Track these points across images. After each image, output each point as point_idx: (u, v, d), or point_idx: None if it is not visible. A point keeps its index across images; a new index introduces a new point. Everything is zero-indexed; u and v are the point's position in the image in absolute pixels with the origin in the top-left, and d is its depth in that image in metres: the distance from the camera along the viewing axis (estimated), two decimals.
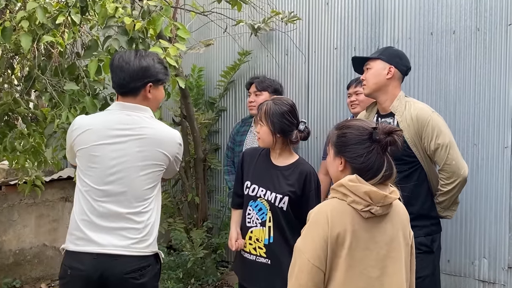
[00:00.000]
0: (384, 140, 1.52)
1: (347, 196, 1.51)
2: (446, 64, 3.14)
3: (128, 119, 1.97)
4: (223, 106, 4.29)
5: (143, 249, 1.91)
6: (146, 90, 1.97)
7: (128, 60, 1.94)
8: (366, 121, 1.64)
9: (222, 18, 3.66)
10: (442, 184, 2.32)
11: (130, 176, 1.94)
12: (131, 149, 1.94)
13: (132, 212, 1.92)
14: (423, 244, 2.30)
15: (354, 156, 1.55)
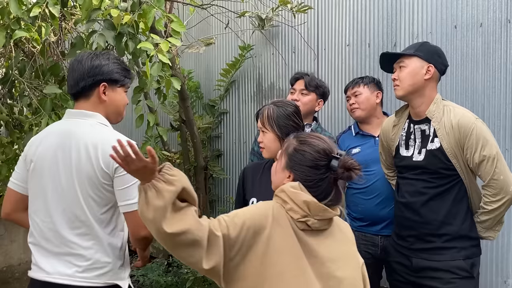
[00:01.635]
0: (340, 175, 1.46)
1: (286, 203, 1.45)
2: (472, 61, 2.83)
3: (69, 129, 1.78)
4: (224, 109, 3.98)
5: (91, 279, 1.72)
6: (100, 91, 1.78)
7: (80, 60, 1.79)
8: (330, 144, 1.52)
9: (223, 12, 3.35)
10: (487, 202, 2.00)
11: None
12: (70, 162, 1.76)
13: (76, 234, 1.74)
14: (462, 269, 2.00)
15: (306, 178, 1.47)
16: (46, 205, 1.75)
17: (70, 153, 1.72)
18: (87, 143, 1.71)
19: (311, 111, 2.59)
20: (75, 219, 1.72)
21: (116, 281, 1.76)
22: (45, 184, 1.75)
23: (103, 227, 1.74)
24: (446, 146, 1.99)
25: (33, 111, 2.32)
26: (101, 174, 1.70)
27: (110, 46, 2.30)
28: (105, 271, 1.73)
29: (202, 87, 4.18)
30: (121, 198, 1.71)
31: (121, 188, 1.70)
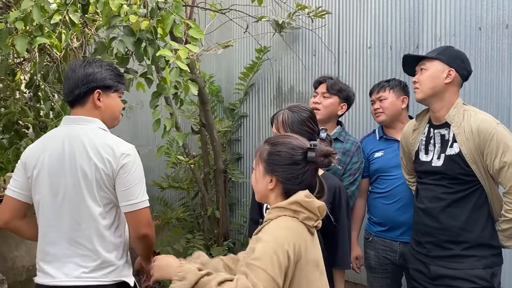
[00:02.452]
0: (321, 162, 1.50)
1: (299, 213, 1.47)
2: (497, 64, 2.74)
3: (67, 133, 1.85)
4: (244, 112, 3.98)
5: (99, 278, 1.79)
6: (94, 97, 1.84)
7: (74, 68, 1.85)
8: (299, 139, 1.57)
9: (242, 16, 3.36)
10: (508, 210, 1.93)
11: None
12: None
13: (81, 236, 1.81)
14: (482, 278, 1.94)
15: (290, 177, 1.50)
16: (53, 210, 1.80)
17: (74, 158, 1.78)
18: (90, 148, 1.77)
19: (333, 115, 2.56)
20: (82, 221, 1.78)
21: (122, 278, 1.83)
22: (52, 189, 1.80)
23: (107, 227, 1.80)
24: (465, 152, 1.94)
25: (56, 114, 2.38)
26: (104, 177, 1.77)
27: (130, 52, 2.33)
28: (112, 270, 1.80)
29: (222, 90, 4.21)
30: (123, 198, 1.78)
31: (123, 189, 1.77)
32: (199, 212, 3.81)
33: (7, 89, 2.79)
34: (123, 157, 1.77)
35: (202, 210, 3.72)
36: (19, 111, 2.75)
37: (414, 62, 2.14)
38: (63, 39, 1.99)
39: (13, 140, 2.95)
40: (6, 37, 2.07)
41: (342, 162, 2.45)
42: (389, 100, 2.61)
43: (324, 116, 2.49)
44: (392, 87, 2.65)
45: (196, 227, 3.77)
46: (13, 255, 3.85)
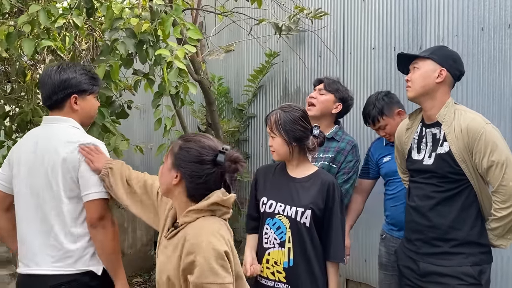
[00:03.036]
0: (228, 168, 1.51)
1: (216, 211, 1.52)
2: (500, 64, 2.73)
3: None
4: (252, 113, 4.05)
5: (61, 268, 1.89)
6: (71, 102, 1.96)
7: (49, 74, 1.95)
8: (215, 140, 1.58)
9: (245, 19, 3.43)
10: (496, 209, 1.94)
11: None
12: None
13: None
14: (469, 275, 1.95)
15: (193, 174, 1.51)
16: (25, 204, 1.94)
17: (43, 155, 1.90)
18: (59, 144, 1.89)
19: (327, 112, 2.60)
20: (49, 214, 1.89)
21: (89, 268, 1.91)
22: (26, 185, 1.94)
23: (73, 220, 1.90)
24: (455, 151, 1.96)
25: None
26: (71, 170, 1.88)
27: (134, 53, 2.42)
28: (75, 259, 1.89)
29: (231, 92, 4.28)
30: (82, 189, 1.89)
31: (82, 181, 1.89)
32: None
33: (21, 90, 2.92)
34: (68, 145, 1.88)
35: None
36: (32, 110, 2.87)
37: (408, 61, 2.17)
38: (67, 41, 2.10)
39: None
40: (15, 40, 2.19)
41: (337, 161, 2.50)
42: (388, 125, 2.62)
43: (318, 112, 2.54)
44: (385, 114, 2.61)
45: None
46: None
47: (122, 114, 2.75)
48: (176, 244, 1.50)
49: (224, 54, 3.30)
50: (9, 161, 2.01)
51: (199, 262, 1.40)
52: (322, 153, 2.57)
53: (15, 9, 2.51)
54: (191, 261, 1.42)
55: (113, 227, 1.93)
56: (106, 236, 1.91)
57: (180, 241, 1.49)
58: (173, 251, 1.51)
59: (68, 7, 2.14)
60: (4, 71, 2.84)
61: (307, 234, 2.06)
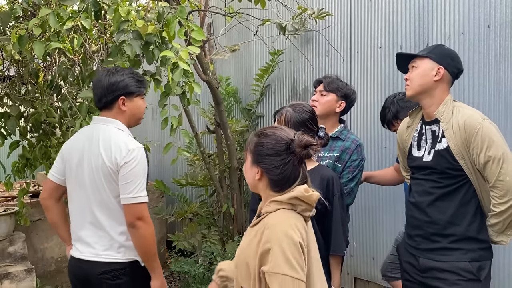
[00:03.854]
0: (299, 154, 1.54)
1: (297, 206, 1.55)
2: (506, 61, 2.72)
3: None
4: (260, 113, 4.09)
5: (112, 256, 2.06)
6: (119, 103, 2.09)
7: (100, 78, 2.09)
8: (286, 130, 1.62)
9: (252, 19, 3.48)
10: (495, 204, 1.94)
11: None
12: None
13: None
14: (468, 271, 1.96)
15: (270, 167, 1.55)
16: (77, 198, 2.11)
17: (90, 154, 2.06)
18: (102, 145, 2.03)
19: (330, 112, 2.62)
20: (97, 209, 2.06)
21: (135, 257, 2.07)
22: (76, 180, 2.11)
23: (116, 215, 2.05)
24: (453, 147, 1.96)
25: (73, 114, 2.57)
26: (111, 171, 2.01)
27: (142, 54, 2.48)
28: (123, 250, 2.05)
29: (240, 92, 4.33)
30: (121, 192, 2.02)
31: (121, 184, 2.01)
32: (215, 209, 3.94)
33: (34, 91, 3.01)
34: (128, 155, 2.00)
35: (218, 207, 3.85)
36: (45, 111, 2.97)
37: (407, 60, 2.18)
38: (75, 43, 2.17)
39: (40, 138, 3.17)
40: (26, 42, 2.27)
41: (342, 160, 2.51)
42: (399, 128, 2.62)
43: (321, 113, 2.56)
44: (397, 117, 2.62)
45: (213, 223, 3.90)
46: (43, 247, 4.10)
47: None
48: (257, 232, 1.55)
49: (229, 54, 3.34)
50: (62, 156, 2.18)
51: (275, 251, 1.44)
52: (327, 152, 2.59)
53: (28, 13, 2.60)
54: (267, 249, 1.46)
55: (147, 228, 2.03)
56: (141, 237, 2.03)
57: (260, 229, 1.53)
58: (253, 237, 1.55)
59: (77, 10, 2.21)
60: (18, 73, 2.93)
61: None
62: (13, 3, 2.41)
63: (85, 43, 2.41)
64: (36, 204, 4.06)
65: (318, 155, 2.50)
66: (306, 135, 1.59)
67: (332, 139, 2.60)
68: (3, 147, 3.17)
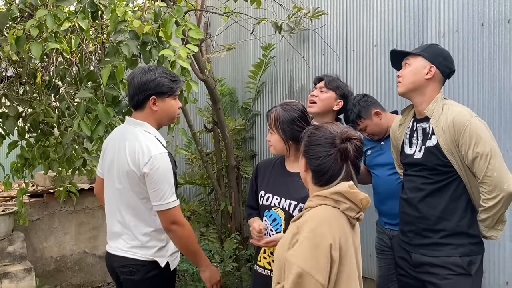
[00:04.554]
0: (339, 146, 1.50)
1: (340, 203, 1.47)
2: (500, 59, 2.75)
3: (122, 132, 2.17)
4: (257, 111, 4.11)
5: (134, 253, 2.12)
6: (150, 103, 2.08)
7: (133, 76, 2.08)
8: (341, 127, 1.58)
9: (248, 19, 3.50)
10: (484, 199, 1.98)
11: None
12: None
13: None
14: (458, 265, 1.99)
15: (312, 157, 1.54)
16: (108, 196, 2.19)
17: (119, 153, 2.10)
18: (128, 148, 2.06)
19: (329, 109, 2.66)
20: (123, 208, 2.11)
21: (155, 258, 2.11)
22: (108, 178, 2.19)
23: (145, 214, 2.09)
24: (442, 143, 2.00)
25: (71, 114, 2.59)
26: (135, 173, 2.03)
27: (138, 54, 2.50)
28: (145, 249, 2.10)
29: (238, 91, 4.35)
30: (152, 199, 2.05)
31: (150, 192, 2.04)
32: (213, 207, 3.96)
33: (32, 92, 3.03)
34: (148, 164, 2.01)
35: (216, 205, 3.87)
36: (43, 111, 2.98)
37: (401, 57, 2.21)
38: (73, 44, 2.19)
39: (38, 138, 3.18)
40: (24, 43, 2.28)
41: None
42: (368, 126, 2.71)
43: (320, 109, 2.60)
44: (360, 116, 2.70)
45: (211, 221, 3.92)
46: (42, 246, 4.12)
47: (128, 113, 2.84)
48: (296, 226, 1.49)
49: (225, 52, 3.36)
50: (102, 152, 2.25)
51: (301, 243, 1.40)
52: None
53: (25, 13, 2.62)
54: (295, 237, 1.44)
55: (183, 230, 2.08)
56: (179, 239, 2.08)
57: (299, 223, 1.49)
58: (292, 230, 1.50)
59: (74, 11, 2.23)
60: (16, 73, 2.94)
61: None
62: (10, 4, 2.43)
63: (82, 43, 2.43)
64: (35, 203, 4.08)
65: None
66: (351, 130, 1.55)
67: None
68: (2, 147, 3.18)
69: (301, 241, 1.41)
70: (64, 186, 3.39)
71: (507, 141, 2.67)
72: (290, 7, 3.47)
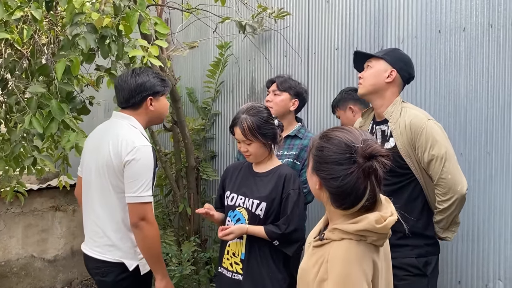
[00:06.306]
0: (362, 165, 1.26)
1: (366, 237, 1.29)
2: (455, 65, 2.85)
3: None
4: (217, 110, 4.05)
5: (103, 254, 2.09)
6: (147, 103, 2.13)
7: (125, 79, 2.11)
8: (355, 134, 1.33)
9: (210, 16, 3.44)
10: (438, 201, 2.03)
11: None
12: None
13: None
14: (414, 266, 2.03)
15: (329, 177, 1.30)
16: (85, 192, 2.17)
17: (101, 146, 2.08)
18: (112, 141, 2.04)
19: (286, 111, 2.67)
20: (98, 204, 2.08)
21: (122, 259, 2.06)
22: (86, 174, 2.17)
23: (118, 211, 2.05)
24: (399, 146, 2.04)
25: (21, 109, 2.43)
26: (116, 167, 2.01)
27: (96, 48, 2.39)
28: (114, 249, 2.06)
29: (197, 90, 4.27)
30: (127, 190, 2.02)
31: (126, 183, 2.00)
32: (171, 209, 3.86)
33: None
34: (130, 154, 1.99)
35: (174, 207, 3.77)
36: None
37: (364, 59, 2.24)
38: (25, 35, 2.05)
39: None
40: None
41: (300, 158, 2.55)
42: (341, 117, 2.82)
43: (277, 113, 2.59)
44: (337, 105, 2.86)
45: (168, 223, 3.82)
46: None
47: (83, 110, 2.71)
48: (317, 260, 1.34)
49: (188, 50, 3.29)
50: (83, 151, 2.25)
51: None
52: (286, 150, 2.61)
53: None
54: (322, 284, 1.29)
55: (150, 229, 2.02)
56: (144, 237, 2.01)
57: (321, 258, 1.33)
58: (313, 265, 1.35)
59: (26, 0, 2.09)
60: None
61: (262, 225, 2.08)
62: None
63: (35, 34, 2.28)
64: None
65: (278, 154, 2.51)
66: (374, 143, 1.31)
67: (290, 137, 2.63)
68: None
69: None
70: (11, 186, 3.19)
71: (461, 144, 2.76)
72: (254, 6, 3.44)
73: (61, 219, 4.24)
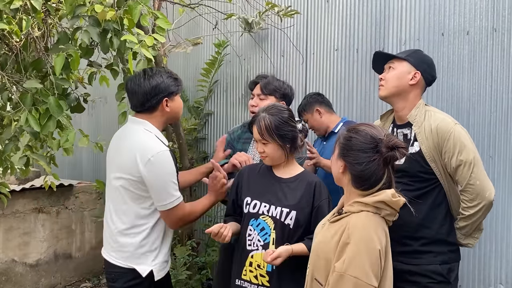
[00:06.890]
0: (385, 154, 1.55)
1: (382, 210, 1.56)
2: (459, 68, 2.84)
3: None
4: (209, 110, 3.95)
5: (117, 259, 2.08)
6: (163, 105, 2.09)
7: (139, 83, 2.05)
8: (378, 129, 1.63)
9: (211, 12, 3.34)
10: (464, 207, 1.99)
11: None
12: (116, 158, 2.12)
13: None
14: (438, 273, 1.99)
15: (354, 162, 1.58)
16: (106, 195, 2.17)
17: (118, 154, 2.09)
18: (129, 145, 2.04)
19: None
20: (115, 209, 2.08)
21: (133, 265, 2.04)
22: (107, 177, 2.17)
23: (132, 217, 2.04)
24: (425, 150, 1.99)
25: (14, 105, 2.27)
26: (134, 171, 1.98)
27: (95, 43, 2.26)
28: (127, 255, 2.05)
29: (190, 89, 4.16)
30: (155, 201, 2.01)
31: (152, 193, 2.00)
32: None
33: None
34: (149, 163, 1.96)
35: None
36: None
37: (384, 60, 2.18)
38: (24, 26, 1.90)
39: None
40: None
41: None
42: (309, 120, 2.87)
43: None
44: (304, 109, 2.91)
45: None
46: None
47: (78, 107, 2.56)
48: (337, 230, 1.56)
49: (191, 47, 3.18)
50: (107, 155, 2.22)
51: (353, 253, 1.46)
52: None
53: None
54: (345, 245, 1.49)
55: (188, 219, 2.12)
56: (188, 225, 2.10)
57: (340, 228, 1.55)
58: (332, 236, 1.56)
59: None
60: None
61: (292, 236, 1.95)
62: None
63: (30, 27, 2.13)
64: None
65: None
66: (395, 137, 1.61)
67: None
68: None
69: (352, 251, 1.47)
70: None
71: None
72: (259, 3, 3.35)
73: (44, 222, 4.05)
